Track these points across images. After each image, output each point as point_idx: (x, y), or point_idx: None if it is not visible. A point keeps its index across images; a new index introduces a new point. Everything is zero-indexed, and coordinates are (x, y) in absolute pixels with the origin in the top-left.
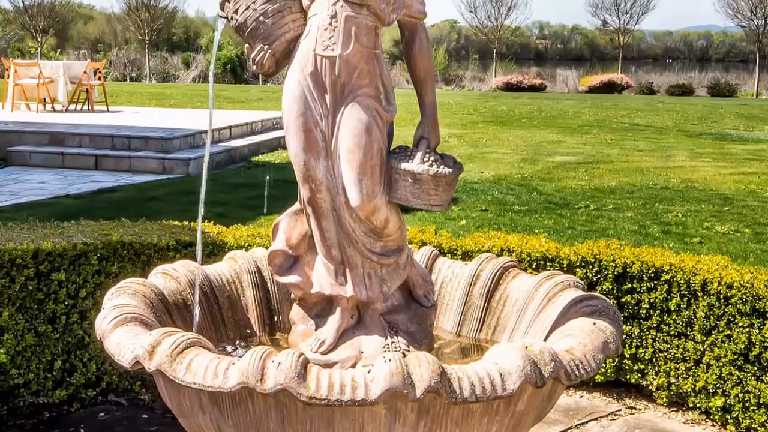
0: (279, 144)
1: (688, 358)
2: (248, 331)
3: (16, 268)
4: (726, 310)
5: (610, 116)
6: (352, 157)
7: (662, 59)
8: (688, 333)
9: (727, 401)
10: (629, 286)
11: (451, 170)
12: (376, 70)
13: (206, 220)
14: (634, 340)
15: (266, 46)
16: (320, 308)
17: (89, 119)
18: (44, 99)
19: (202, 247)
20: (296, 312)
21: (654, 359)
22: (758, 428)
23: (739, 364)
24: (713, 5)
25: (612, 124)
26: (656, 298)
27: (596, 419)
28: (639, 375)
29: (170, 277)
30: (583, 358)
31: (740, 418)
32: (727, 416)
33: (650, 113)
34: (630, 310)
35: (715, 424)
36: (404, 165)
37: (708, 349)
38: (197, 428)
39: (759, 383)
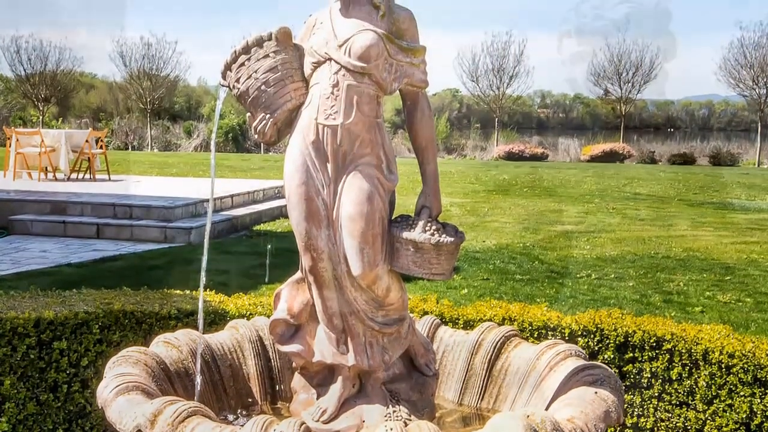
0: (281, 213)
1: (689, 427)
2: (250, 399)
3: (17, 336)
4: (728, 379)
5: (612, 185)
6: (354, 226)
7: (664, 128)
8: (690, 402)
9: None
10: (631, 355)
11: (452, 239)
12: (377, 139)
13: (208, 289)
14: (636, 410)
15: (268, 115)
16: (322, 377)
17: (91, 188)
18: (46, 168)
19: (204, 315)
20: (298, 381)
21: (656, 429)
22: None
23: None
24: (715, 74)
25: (613, 194)
26: (658, 367)
27: None
28: None
29: (172, 345)
30: (585, 428)
31: None
32: None
33: (652, 182)
34: (632, 380)
35: None
36: (406, 234)
37: (710, 418)
38: None
39: None
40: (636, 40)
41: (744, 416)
